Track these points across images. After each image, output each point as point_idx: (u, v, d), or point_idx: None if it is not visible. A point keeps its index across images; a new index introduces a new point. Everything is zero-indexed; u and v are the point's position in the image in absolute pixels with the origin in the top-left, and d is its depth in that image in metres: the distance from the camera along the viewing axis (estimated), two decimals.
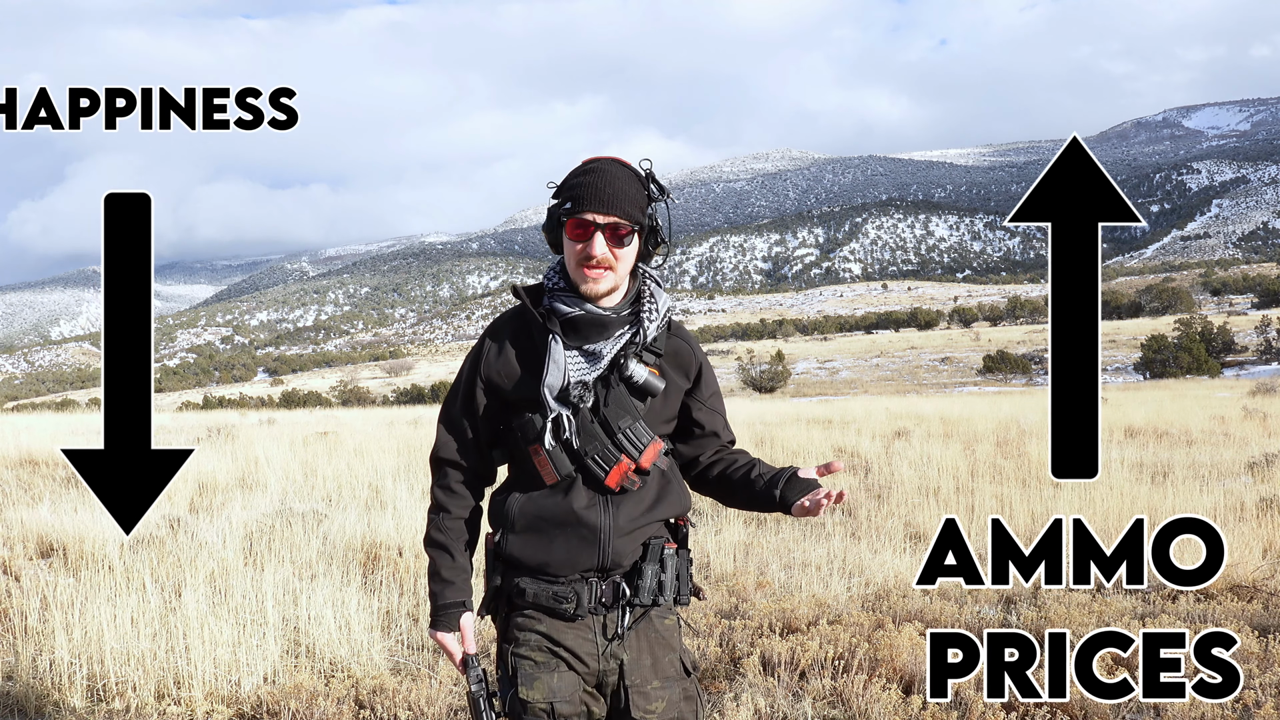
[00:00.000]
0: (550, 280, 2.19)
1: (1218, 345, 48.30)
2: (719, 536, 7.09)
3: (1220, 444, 12.72)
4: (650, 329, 2.14)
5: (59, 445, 13.34)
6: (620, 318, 2.13)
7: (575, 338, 2.12)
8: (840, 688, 4.05)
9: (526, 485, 2.17)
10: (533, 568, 2.14)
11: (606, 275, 2.10)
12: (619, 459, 2.10)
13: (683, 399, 2.25)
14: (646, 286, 2.19)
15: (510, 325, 2.21)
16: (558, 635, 2.13)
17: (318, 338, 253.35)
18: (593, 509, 2.12)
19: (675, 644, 2.22)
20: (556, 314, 2.13)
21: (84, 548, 6.62)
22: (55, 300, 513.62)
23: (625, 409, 2.12)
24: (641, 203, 2.11)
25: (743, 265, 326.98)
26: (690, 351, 2.24)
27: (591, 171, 2.10)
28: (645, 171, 2.13)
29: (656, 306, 2.16)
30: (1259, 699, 3.84)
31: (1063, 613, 4.91)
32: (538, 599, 2.13)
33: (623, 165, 2.12)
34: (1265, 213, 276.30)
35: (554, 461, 2.10)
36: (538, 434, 2.10)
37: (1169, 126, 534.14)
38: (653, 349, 2.17)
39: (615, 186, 2.07)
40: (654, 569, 2.15)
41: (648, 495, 2.16)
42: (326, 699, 3.92)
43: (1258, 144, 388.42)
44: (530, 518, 2.14)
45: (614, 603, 2.15)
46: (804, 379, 55.50)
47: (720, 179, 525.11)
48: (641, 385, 2.12)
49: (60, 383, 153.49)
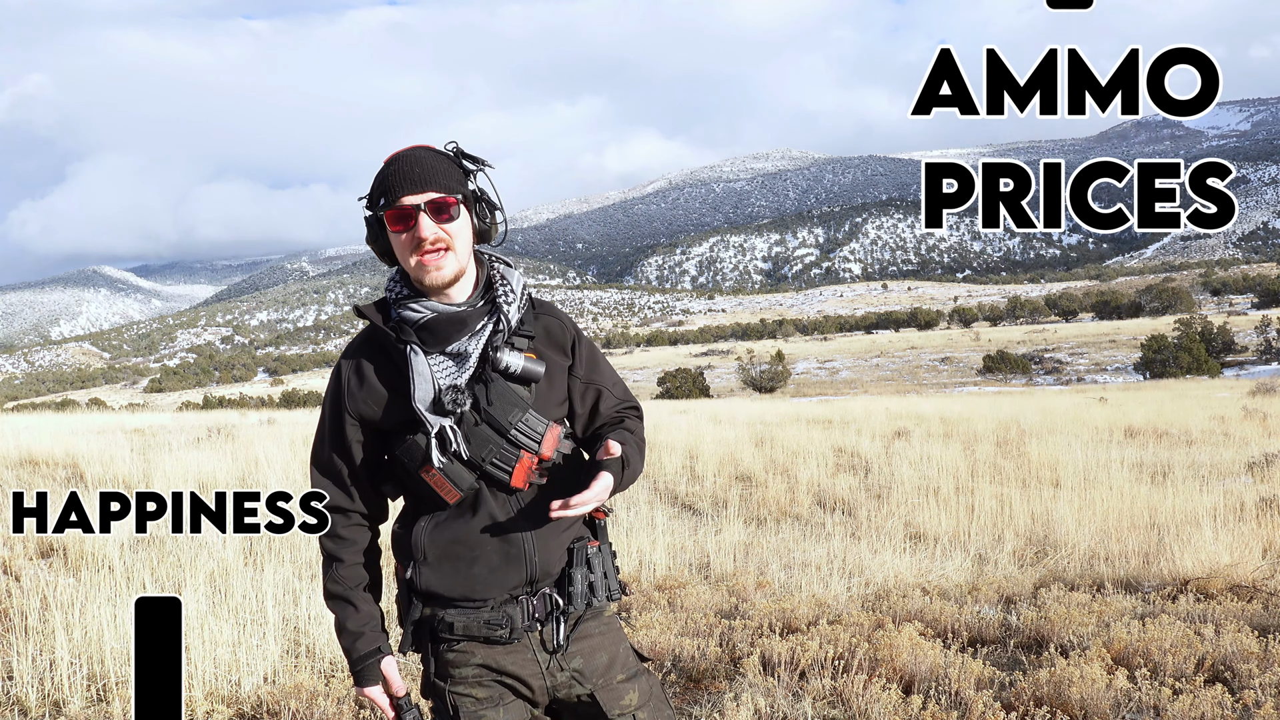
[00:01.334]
0: (392, 291, 2.03)
1: (1218, 345, 48.29)
2: (719, 536, 7.09)
3: (1220, 444, 12.71)
4: (511, 313, 2.00)
5: (59, 445, 13.36)
6: (477, 310, 1.99)
7: (434, 342, 1.97)
8: (840, 688, 4.05)
9: (429, 508, 2.03)
10: (454, 598, 2.01)
11: (446, 256, 1.94)
12: (519, 455, 1.96)
13: (567, 377, 2.11)
14: (495, 269, 2.06)
15: (363, 349, 2.05)
16: (497, 663, 2.01)
17: (318, 337, 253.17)
18: (508, 521, 1.99)
19: (621, 635, 2.13)
20: (408, 323, 1.98)
21: (84, 548, 6.62)
22: (55, 300, 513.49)
23: (510, 402, 1.97)
24: (457, 176, 1.97)
25: (743, 265, 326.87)
26: (561, 326, 2.10)
27: (394, 161, 1.95)
28: (453, 150, 2.00)
29: (511, 287, 2.03)
30: (1259, 699, 3.83)
31: (1062, 613, 4.91)
32: (469, 630, 2.00)
33: (427, 148, 1.99)
34: (1265, 213, 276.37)
35: (451, 478, 1.95)
36: (424, 454, 1.94)
37: (1169, 126, 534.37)
38: (522, 333, 2.03)
39: (424, 165, 1.94)
40: (583, 572, 2.04)
41: (560, 493, 1.98)
42: (326, 699, 3.92)
43: (1258, 144, 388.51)
44: (442, 545, 2.00)
45: (547, 616, 2.03)
46: (804, 379, 55.50)
47: (720, 179, 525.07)
48: (520, 373, 1.98)
49: (60, 382, 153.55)
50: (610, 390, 2.16)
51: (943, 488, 8.86)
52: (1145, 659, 4.28)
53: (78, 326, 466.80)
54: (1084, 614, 4.94)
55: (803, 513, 8.41)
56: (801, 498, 8.99)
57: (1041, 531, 7.25)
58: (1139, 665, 4.21)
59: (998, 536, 7.15)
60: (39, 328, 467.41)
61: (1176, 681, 4.00)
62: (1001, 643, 4.82)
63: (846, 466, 11.23)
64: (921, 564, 6.35)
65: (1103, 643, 4.46)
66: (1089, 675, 3.88)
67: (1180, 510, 7.18)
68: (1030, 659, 4.54)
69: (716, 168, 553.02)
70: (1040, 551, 6.85)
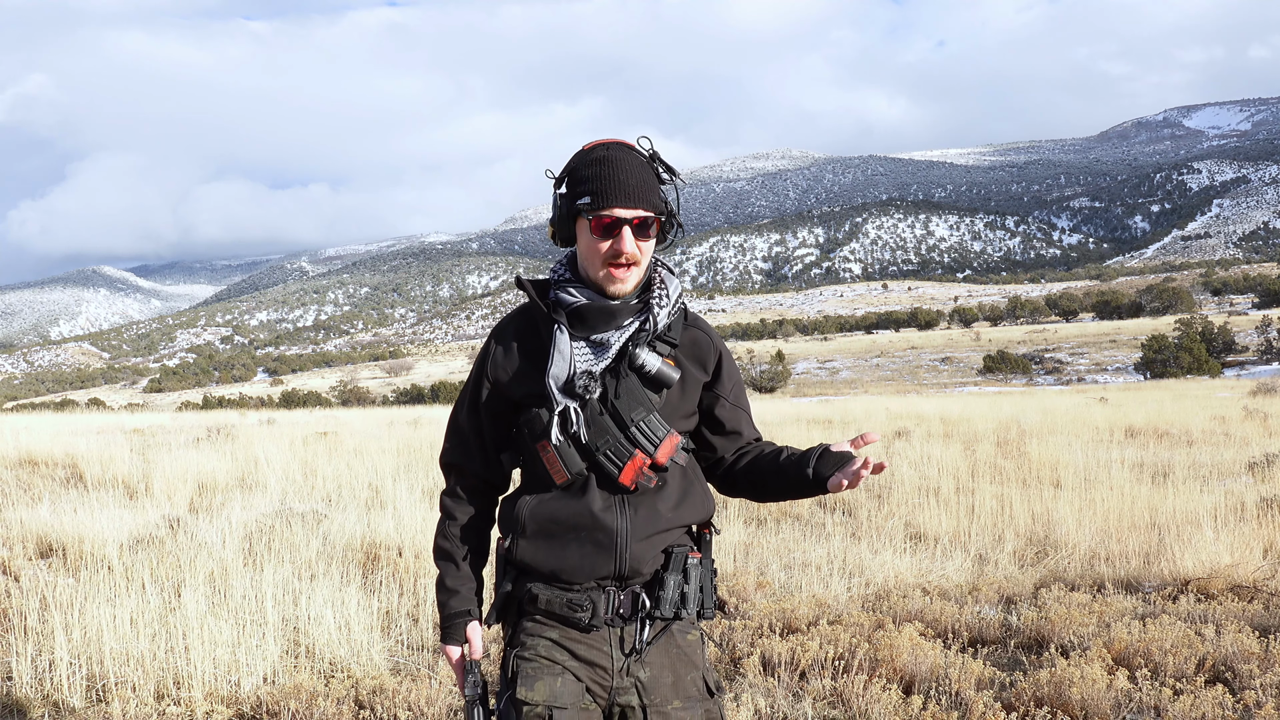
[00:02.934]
0: (558, 272, 2.08)
1: (1218, 345, 48.31)
2: (719, 536, 7.09)
3: (1221, 444, 12.71)
4: (661, 316, 2.01)
5: (58, 445, 13.35)
6: (629, 306, 2.01)
7: (582, 328, 2.00)
8: (840, 688, 4.04)
9: (537, 487, 2.04)
10: (545, 574, 2.01)
11: (633, 271, 1.98)
12: (633, 454, 1.96)
13: (702, 393, 2.11)
14: (657, 274, 2.07)
15: (515, 322, 2.11)
16: (570, 645, 2.00)
17: (317, 338, 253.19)
18: (609, 511, 1.98)
19: (698, 661, 2.07)
20: (562, 304, 2.02)
21: (84, 548, 6.62)
22: (55, 300, 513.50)
23: (638, 401, 1.98)
24: (659, 190, 2.01)
25: (743, 265, 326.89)
26: (709, 342, 2.10)
27: (606, 162, 1.96)
28: (649, 153, 2.01)
29: (668, 293, 2.04)
30: (1259, 699, 3.83)
31: (1063, 613, 4.90)
32: (551, 606, 2.00)
33: (631, 149, 2.00)
34: (1266, 212, 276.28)
35: (563, 459, 1.97)
36: (544, 428, 1.98)
37: (1169, 126, 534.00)
38: (666, 339, 2.03)
39: (637, 176, 1.96)
40: (676, 579, 2.01)
41: (669, 497, 2.01)
42: (326, 699, 3.92)
43: (1258, 144, 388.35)
44: (541, 521, 2.01)
45: (633, 614, 2.00)
46: (804, 379, 55.51)
47: (720, 179, 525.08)
48: (654, 375, 1.99)
49: (60, 382, 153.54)
50: (750, 418, 2.20)
51: (943, 488, 8.85)
52: (1146, 659, 4.27)
53: (77, 326, 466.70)
54: (1084, 614, 4.93)
55: (803, 513, 8.40)
56: None
57: (1042, 532, 7.24)
58: (1139, 666, 4.20)
59: (998, 537, 7.15)
60: (38, 328, 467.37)
61: (1177, 682, 4.00)
62: (1002, 643, 4.81)
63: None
64: (922, 564, 6.34)
65: (1103, 643, 4.45)
66: (1089, 676, 3.87)
67: (1181, 510, 7.17)
68: (1031, 659, 4.54)
69: (716, 167, 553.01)
70: (1041, 552, 6.84)
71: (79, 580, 5.26)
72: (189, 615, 4.41)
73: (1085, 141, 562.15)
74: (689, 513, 2.06)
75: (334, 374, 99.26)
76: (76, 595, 4.74)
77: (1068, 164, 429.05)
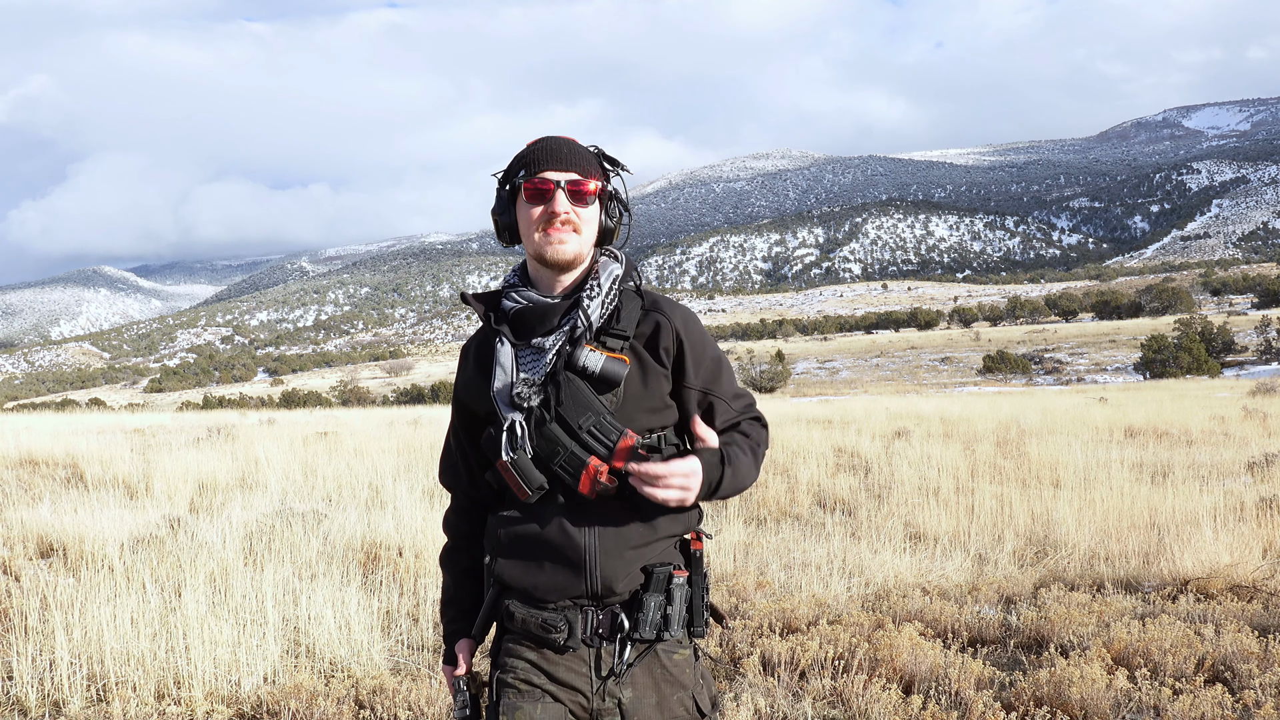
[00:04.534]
0: (509, 279, 2.02)
1: (1218, 345, 48.31)
2: (719, 536, 7.09)
3: (1220, 444, 12.71)
4: (593, 309, 1.90)
5: (59, 445, 13.35)
6: (561, 304, 1.93)
7: (523, 333, 1.95)
8: (840, 688, 4.05)
9: (506, 505, 1.98)
10: (520, 592, 1.96)
11: (571, 236, 1.91)
12: (586, 462, 1.85)
13: (672, 382, 1.97)
14: (597, 264, 1.98)
15: (476, 338, 2.06)
16: (548, 666, 1.94)
17: (318, 338, 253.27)
18: (576, 528, 1.89)
19: (687, 681, 1.96)
20: (504, 312, 1.97)
21: (84, 548, 6.62)
22: (55, 300, 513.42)
23: (585, 404, 1.86)
24: (598, 169, 1.97)
25: (743, 265, 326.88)
26: (668, 326, 1.95)
27: (541, 141, 1.96)
28: (595, 150, 2.00)
29: (599, 283, 1.93)
30: (1258, 698, 3.83)
31: (1062, 613, 4.91)
32: (527, 625, 1.93)
33: (572, 139, 1.99)
34: (1265, 212, 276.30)
35: (521, 475, 1.88)
36: (495, 446, 1.93)
37: (1169, 126, 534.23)
38: (615, 331, 1.92)
39: (569, 148, 1.94)
40: (658, 600, 1.90)
41: (640, 507, 1.87)
42: (326, 699, 3.92)
43: (1258, 144, 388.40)
44: (513, 539, 1.95)
45: (611, 635, 1.91)
46: (804, 379, 55.51)
47: (720, 179, 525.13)
48: (599, 374, 1.87)
49: (60, 382, 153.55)
50: (728, 403, 2.03)
51: (943, 488, 8.85)
52: (1145, 659, 4.27)
53: (78, 326, 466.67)
54: (1084, 614, 4.93)
55: (803, 513, 8.41)
56: (801, 498, 8.99)
57: (1041, 531, 7.25)
58: (1139, 665, 4.21)
59: (998, 536, 7.15)
60: (39, 327, 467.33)
61: (1176, 682, 4.00)
62: (1001, 643, 4.82)
63: (846, 466, 11.23)
64: (921, 564, 6.34)
65: (1103, 643, 4.46)
66: (1089, 675, 3.88)
67: (1180, 510, 7.17)
68: (1030, 659, 4.54)
69: (716, 168, 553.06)
70: (1040, 551, 6.84)
71: (79, 580, 5.27)
72: (189, 615, 4.41)
73: (1085, 142, 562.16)
74: (668, 524, 1.93)
75: (334, 374, 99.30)
76: (77, 595, 4.74)
77: (1067, 164, 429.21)
